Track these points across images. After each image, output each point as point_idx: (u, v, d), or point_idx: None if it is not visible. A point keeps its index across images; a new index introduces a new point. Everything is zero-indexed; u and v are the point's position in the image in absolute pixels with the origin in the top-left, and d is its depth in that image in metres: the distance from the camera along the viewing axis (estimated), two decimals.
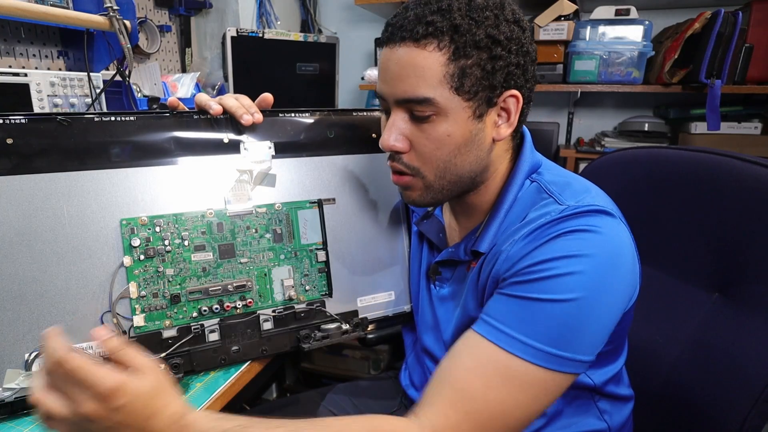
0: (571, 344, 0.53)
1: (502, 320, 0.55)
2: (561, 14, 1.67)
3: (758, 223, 0.68)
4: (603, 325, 0.55)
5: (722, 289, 0.73)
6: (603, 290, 0.54)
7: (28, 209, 0.58)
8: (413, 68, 0.56)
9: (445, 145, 0.59)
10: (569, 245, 0.54)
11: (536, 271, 0.54)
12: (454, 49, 0.55)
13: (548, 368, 0.53)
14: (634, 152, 0.87)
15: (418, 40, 0.55)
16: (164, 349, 0.63)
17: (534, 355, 0.53)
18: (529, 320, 0.54)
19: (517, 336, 0.53)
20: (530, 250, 0.56)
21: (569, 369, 0.54)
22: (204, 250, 0.65)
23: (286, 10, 2.13)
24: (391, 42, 0.58)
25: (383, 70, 0.60)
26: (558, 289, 0.53)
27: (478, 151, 0.61)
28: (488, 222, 0.65)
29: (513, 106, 0.60)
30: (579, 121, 2.08)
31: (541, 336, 0.53)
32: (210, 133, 0.67)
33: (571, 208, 0.57)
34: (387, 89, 0.60)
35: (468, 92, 0.57)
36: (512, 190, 0.64)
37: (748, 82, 1.56)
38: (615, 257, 0.55)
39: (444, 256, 0.70)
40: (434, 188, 0.62)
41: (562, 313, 0.53)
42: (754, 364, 0.65)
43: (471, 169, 0.62)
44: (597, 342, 0.56)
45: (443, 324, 0.71)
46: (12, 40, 1.24)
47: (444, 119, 0.58)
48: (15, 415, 0.58)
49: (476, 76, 0.56)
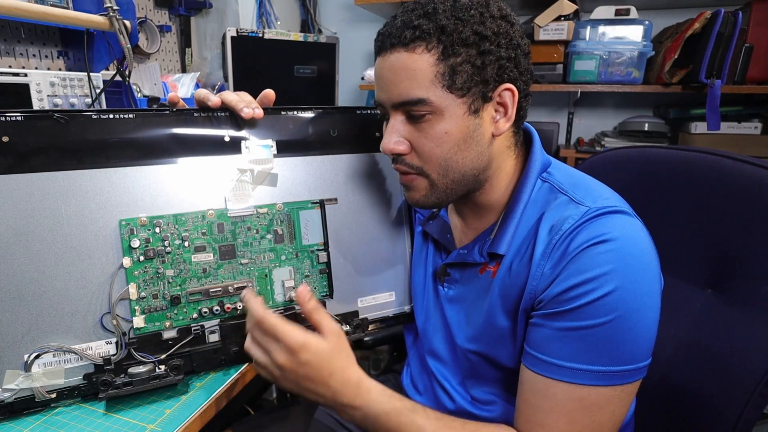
0: (628, 356, 0.56)
1: (557, 356, 0.57)
2: (561, 14, 1.67)
3: (749, 220, 0.69)
4: (650, 326, 0.57)
5: (715, 286, 0.74)
6: (639, 297, 0.56)
7: (26, 209, 0.57)
8: (405, 72, 0.58)
9: (444, 142, 0.60)
10: (596, 261, 0.55)
11: (573, 298, 0.56)
12: (442, 49, 0.57)
13: (616, 384, 0.56)
14: (626, 152, 0.88)
15: (407, 45, 0.58)
16: (164, 350, 0.63)
17: (601, 378, 0.55)
18: (584, 349, 0.56)
19: (580, 367, 0.56)
20: (561, 268, 0.57)
21: (635, 377, 0.57)
22: (204, 251, 0.65)
23: (286, 10, 2.12)
24: (382, 51, 0.60)
25: (378, 78, 0.62)
26: (599, 313, 0.55)
27: (477, 146, 0.62)
28: (504, 223, 0.65)
29: (509, 100, 0.61)
30: (579, 121, 2.08)
31: (600, 359, 0.55)
32: (211, 131, 0.67)
33: (591, 210, 0.58)
34: (383, 95, 0.62)
35: (461, 89, 0.58)
36: (526, 190, 0.65)
37: (748, 82, 1.56)
38: (640, 260, 0.56)
39: (455, 258, 0.70)
40: (439, 187, 0.63)
41: (610, 333, 0.55)
42: (749, 358, 0.66)
43: (473, 166, 0.62)
44: (649, 343, 0.57)
45: (454, 326, 0.71)
46: (12, 40, 1.24)
47: (440, 118, 0.59)
48: (15, 416, 0.58)
49: (467, 73, 0.58)
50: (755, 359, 0.65)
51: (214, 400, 0.61)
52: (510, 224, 0.64)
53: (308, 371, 0.57)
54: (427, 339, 0.77)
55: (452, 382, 0.74)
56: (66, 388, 0.59)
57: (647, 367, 0.58)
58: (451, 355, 0.74)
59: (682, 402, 0.73)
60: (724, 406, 0.67)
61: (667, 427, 0.75)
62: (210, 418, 0.61)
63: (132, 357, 0.61)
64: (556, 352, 0.57)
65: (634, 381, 0.57)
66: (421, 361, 0.80)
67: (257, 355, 0.59)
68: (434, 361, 0.76)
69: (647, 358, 0.57)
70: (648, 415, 0.77)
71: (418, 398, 0.80)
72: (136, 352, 0.62)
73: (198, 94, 0.69)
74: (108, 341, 0.61)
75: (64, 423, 0.57)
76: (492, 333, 0.66)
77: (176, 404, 0.60)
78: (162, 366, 0.62)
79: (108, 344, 0.61)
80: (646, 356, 0.57)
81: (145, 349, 0.62)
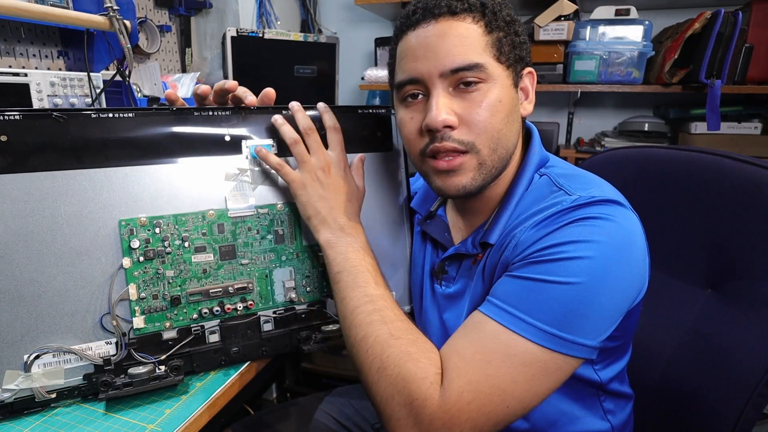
0: (573, 327, 0.54)
1: (506, 300, 0.56)
2: (561, 14, 1.67)
3: (749, 220, 0.69)
4: (608, 311, 0.55)
5: (715, 285, 0.74)
6: (610, 277, 0.54)
7: (24, 209, 0.57)
8: (458, 38, 0.59)
9: (498, 111, 0.60)
10: (580, 231, 0.55)
11: (544, 255, 0.55)
12: (486, 23, 0.60)
13: (548, 348, 0.53)
14: (626, 152, 0.89)
15: (456, 14, 0.59)
16: (164, 350, 0.63)
17: (534, 334, 0.53)
18: (533, 300, 0.54)
19: (519, 315, 0.54)
20: (541, 236, 0.57)
21: (570, 351, 0.54)
22: (204, 251, 0.65)
23: (286, 10, 2.12)
24: (424, 21, 0.60)
25: (421, 48, 0.60)
26: (564, 272, 0.54)
27: (518, 123, 0.64)
28: (497, 214, 0.65)
29: (530, 83, 0.65)
30: (579, 121, 2.08)
31: (543, 316, 0.53)
32: (211, 130, 0.67)
33: (583, 198, 0.58)
34: (428, 65, 0.60)
35: (507, 60, 0.61)
36: (522, 182, 0.65)
37: (748, 82, 1.56)
38: (625, 246, 0.56)
39: (451, 252, 0.70)
40: (486, 165, 0.62)
41: (565, 295, 0.53)
42: (748, 358, 0.66)
43: (514, 143, 0.64)
44: (600, 328, 0.55)
45: (451, 323, 0.71)
46: (12, 40, 1.24)
47: (493, 85, 0.60)
48: (15, 416, 0.57)
49: (508, 47, 0.61)
50: (755, 359, 0.65)
51: (214, 400, 0.61)
52: (503, 215, 0.64)
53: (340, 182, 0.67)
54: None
55: None
56: (66, 389, 0.59)
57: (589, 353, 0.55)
58: None
59: (682, 402, 0.73)
60: (724, 405, 0.67)
61: (667, 427, 0.75)
62: (210, 418, 0.61)
63: (132, 357, 0.61)
64: (507, 296, 0.56)
65: (567, 356, 0.54)
66: None
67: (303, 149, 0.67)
68: None
69: (592, 340, 0.55)
70: (648, 415, 0.77)
71: None
72: (136, 353, 0.62)
73: (196, 90, 0.69)
74: (108, 342, 0.61)
75: (64, 423, 0.57)
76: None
77: (176, 404, 0.60)
78: (162, 366, 0.62)
79: (108, 345, 0.61)
80: (591, 337, 0.54)
81: (145, 349, 0.62)
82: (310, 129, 0.67)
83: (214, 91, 0.68)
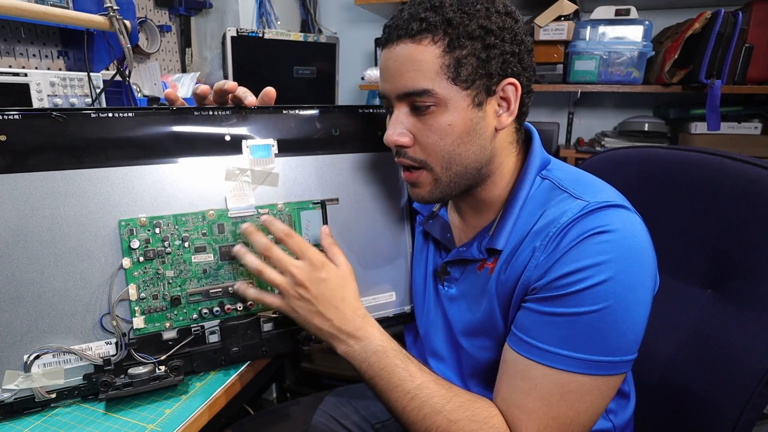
0: (613, 348, 0.55)
1: (542, 339, 0.57)
2: (561, 14, 1.67)
3: (749, 220, 0.69)
4: (638, 321, 0.57)
5: (715, 286, 0.74)
6: (632, 290, 0.56)
7: (24, 209, 0.57)
8: (411, 62, 0.59)
9: (448, 134, 0.60)
10: (592, 251, 0.55)
11: (566, 285, 0.56)
12: (448, 42, 0.58)
13: (599, 375, 0.56)
14: (626, 152, 0.89)
15: (414, 36, 0.59)
16: (164, 350, 0.63)
17: (582, 366, 0.55)
18: (570, 336, 0.56)
19: (562, 353, 0.56)
20: (557, 258, 0.57)
21: (618, 370, 0.56)
22: (205, 251, 0.65)
23: (286, 10, 2.12)
24: (389, 42, 0.61)
25: (383, 70, 0.63)
26: (590, 300, 0.55)
27: (480, 140, 0.62)
28: (502, 219, 0.65)
29: (512, 94, 0.62)
30: (579, 121, 2.08)
31: (584, 347, 0.55)
32: (211, 130, 0.67)
33: (590, 205, 0.58)
34: (388, 87, 0.63)
35: (465, 81, 0.59)
36: (525, 186, 0.65)
37: (748, 82, 1.56)
38: (636, 253, 0.57)
39: (454, 256, 0.70)
40: (442, 181, 0.64)
41: (598, 322, 0.55)
42: (748, 359, 0.66)
43: (476, 159, 0.63)
44: (637, 338, 0.57)
45: (456, 324, 0.71)
46: (12, 40, 1.24)
47: (444, 109, 0.60)
48: (15, 416, 0.57)
49: (472, 65, 0.59)
50: (755, 359, 0.65)
51: (213, 400, 0.61)
52: (509, 220, 0.64)
53: (324, 290, 0.62)
54: (429, 339, 0.77)
55: (454, 381, 0.74)
56: (66, 389, 0.59)
57: (632, 363, 0.58)
58: (453, 354, 0.74)
59: (682, 402, 0.73)
60: (724, 405, 0.67)
61: (667, 427, 0.75)
62: (210, 418, 0.61)
63: (132, 358, 0.61)
64: (541, 335, 0.57)
65: (617, 374, 0.57)
66: (423, 361, 0.80)
67: (272, 275, 0.63)
68: (436, 361, 0.76)
69: (633, 353, 0.57)
70: (648, 415, 0.77)
71: None
72: (136, 353, 0.62)
73: (196, 89, 0.69)
74: (108, 342, 0.61)
75: (64, 423, 0.57)
76: (492, 330, 0.66)
77: (176, 404, 0.60)
78: (162, 366, 0.62)
79: (108, 345, 0.61)
80: (631, 351, 0.57)
81: (145, 349, 0.62)
82: (267, 247, 0.63)
83: (214, 91, 0.68)
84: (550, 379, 0.56)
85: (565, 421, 0.56)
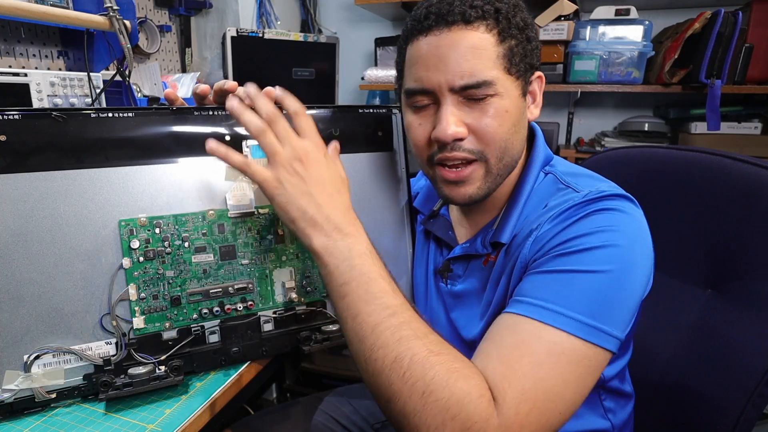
0: (608, 317, 0.52)
1: (540, 297, 0.53)
2: (561, 14, 1.67)
3: (749, 220, 0.70)
4: (633, 300, 0.55)
5: (716, 285, 0.74)
6: (635, 264, 0.55)
7: (24, 209, 0.57)
8: (471, 50, 0.57)
9: (506, 121, 0.60)
10: (603, 219, 0.55)
11: (571, 246, 0.54)
12: (500, 30, 0.58)
13: (591, 342, 0.51)
14: (626, 151, 0.89)
15: (470, 22, 0.57)
16: (164, 350, 0.63)
17: (577, 327, 0.51)
18: (569, 293, 0.52)
19: (559, 309, 0.51)
20: (562, 228, 0.56)
21: (607, 344, 0.52)
22: (205, 251, 0.65)
23: (286, 10, 2.12)
24: (437, 28, 0.58)
25: (432, 57, 0.59)
26: (595, 261, 0.53)
27: (524, 130, 0.64)
28: (507, 213, 0.65)
29: (538, 87, 0.65)
30: (579, 121, 2.08)
31: (581, 308, 0.51)
32: (211, 130, 0.67)
33: (593, 193, 0.58)
34: (438, 77, 0.59)
35: (517, 71, 0.60)
36: (528, 181, 0.66)
37: (748, 82, 1.56)
38: (642, 236, 0.57)
39: (458, 252, 0.70)
40: (493, 173, 0.62)
41: (599, 284, 0.52)
42: (749, 358, 0.66)
43: (520, 149, 0.64)
44: (627, 318, 0.55)
45: (460, 321, 0.71)
46: (12, 40, 1.24)
47: (501, 99, 0.60)
48: (15, 416, 0.57)
49: (519, 56, 0.60)
50: (755, 358, 0.65)
51: (213, 400, 0.61)
52: (513, 214, 0.65)
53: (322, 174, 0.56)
54: None
55: None
56: (66, 389, 0.59)
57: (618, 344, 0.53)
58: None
59: (682, 401, 0.73)
60: (724, 405, 0.67)
61: (667, 427, 0.75)
62: (210, 418, 0.61)
63: (132, 358, 0.61)
64: (538, 292, 0.53)
65: (605, 349, 0.52)
66: None
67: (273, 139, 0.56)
68: None
69: (622, 332, 0.53)
70: (648, 414, 0.77)
71: None
72: (136, 353, 0.62)
73: (195, 89, 0.68)
74: (108, 342, 0.61)
75: (64, 423, 0.57)
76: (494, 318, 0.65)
77: (176, 404, 0.60)
78: (162, 367, 0.62)
79: (108, 345, 0.61)
80: (621, 328, 0.53)
81: (145, 349, 0.62)
82: (275, 115, 0.57)
83: (214, 91, 0.67)
84: (541, 335, 0.50)
85: (550, 386, 0.49)
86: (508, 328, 0.53)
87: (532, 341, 0.51)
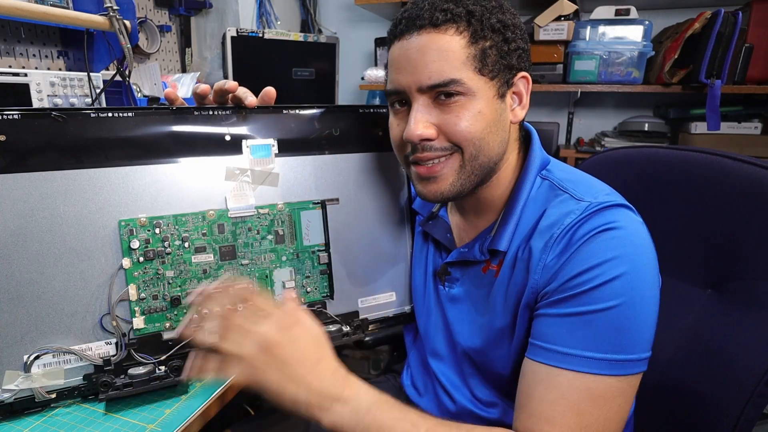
0: (632, 344, 0.54)
1: (563, 343, 0.55)
2: (561, 14, 1.67)
3: (749, 220, 0.69)
4: (651, 317, 0.56)
5: (716, 286, 0.74)
6: (644, 285, 0.55)
7: (24, 209, 0.57)
8: (437, 52, 0.58)
9: (479, 121, 0.60)
10: (602, 247, 0.55)
11: (579, 285, 0.55)
12: (471, 32, 0.58)
13: (622, 375, 0.54)
14: (626, 151, 0.89)
15: (438, 26, 0.58)
16: (164, 351, 0.63)
17: (607, 367, 0.54)
18: (591, 336, 0.54)
19: (585, 354, 0.54)
20: (567, 258, 0.57)
21: (639, 369, 0.55)
22: (205, 251, 0.65)
23: (286, 10, 2.12)
24: (407, 32, 0.60)
25: (402, 60, 0.60)
26: (606, 297, 0.54)
27: (503, 132, 0.63)
28: (504, 220, 0.65)
29: (524, 88, 0.63)
30: (579, 121, 2.08)
31: (606, 347, 0.54)
32: (211, 130, 0.67)
33: (593, 205, 0.58)
34: (408, 78, 0.60)
35: (491, 72, 0.60)
36: (525, 187, 0.65)
37: (748, 82, 1.56)
38: (644, 250, 0.57)
39: (455, 257, 0.70)
40: (466, 170, 0.62)
41: (617, 318, 0.54)
42: (748, 358, 0.66)
43: (497, 152, 0.63)
44: (650, 334, 0.57)
45: (456, 325, 0.71)
46: (12, 40, 1.24)
47: (472, 98, 0.59)
48: (15, 416, 0.57)
49: (494, 57, 0.60)
50: (755, 359, 0.65)
51: (213, 400, 0.61)
52: (510, 221, 0.64)
53: (297, 351, 0.52)
54: (429, 339, 0.77)
55: (454, 381, 0.74)
56: (66, 389, 0.59)
57: (648, 361, 0.57)
58: (453, 355, 0.74)
59: (682, 402, 0.73)
60: (724, 405, 0.67)
61: (667, 427, 0.75)
62: (210, 418, 0.61)
63: (132, 358, 0.61)
64: (562, 339, 0.55)
65: (638, 373, 0.56)
66: (422, 361, 0.80)
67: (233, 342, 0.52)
68: (436, 361, 0.76)
69: (648, 350, 0.56)
70: (648, 415, 0.77)
71: (419, 399, 0.80)
72: (136, 353, 0.62)
73: (195, 89, 0.68)
74: (108, 342, 0.61)
75: (64, 423, 0.57)
76: (492, 332, 0.66)
77: (176, 404, 0.60)
78: (162, 367, 0.62)
79: (108, 345, 0.61)
80: (647, 347, 0.56)
81: (145, 350, 0.62)
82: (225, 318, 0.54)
83: (214, 90, 0.68)
84: (576, 384, 0.54)
85: (595, 429, 0.53)
86: (543, 383, 0.56)
87: (570, 393, 0.54)
